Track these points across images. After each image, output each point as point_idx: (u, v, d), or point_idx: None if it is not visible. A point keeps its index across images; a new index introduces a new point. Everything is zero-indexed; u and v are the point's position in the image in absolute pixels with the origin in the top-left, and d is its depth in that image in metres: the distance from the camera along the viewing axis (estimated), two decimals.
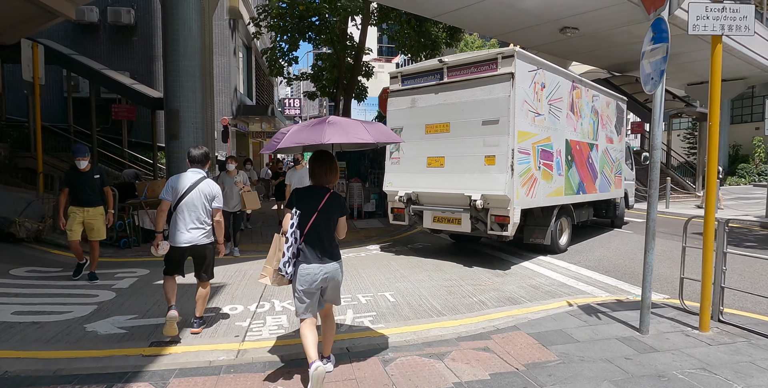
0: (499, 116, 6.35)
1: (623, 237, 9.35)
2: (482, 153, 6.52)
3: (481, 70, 6.58)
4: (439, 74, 7.05)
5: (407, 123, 7.44)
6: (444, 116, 6.99)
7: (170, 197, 3.96)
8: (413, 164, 7.32)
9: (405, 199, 7.37)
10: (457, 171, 6.79)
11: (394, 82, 7.71)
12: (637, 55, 16.41)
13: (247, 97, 22.64)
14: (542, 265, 6.80)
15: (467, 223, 6.73)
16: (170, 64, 9.28)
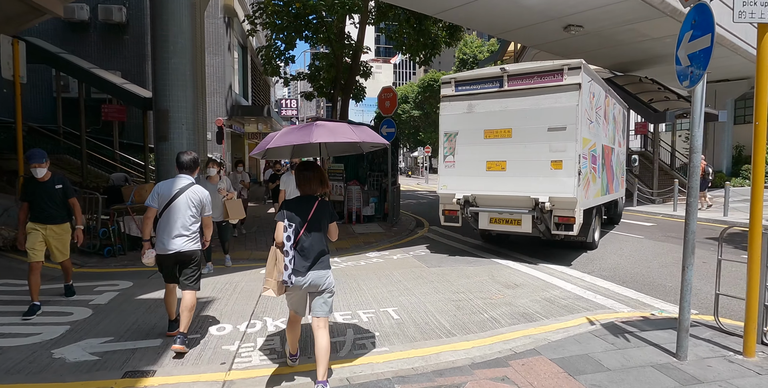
0: (567, 124, 6.76)
1: (635, 243, 8.94)
2: (548, 158, 6.87)
3: (545, 80, 6.92)
4: (499, 82, 7.34)
5: (463, 128, 7.68)
6: (505, 122, 7.28)
7: (156, 204, 3.88)
8: (471, 168, 7.57)
9: (462, 201, 7.57)
10: (520, 174, 7.09)
11: (446, 88, 7.87)
12: (641, 54, 16.05)
13: (242, 98, 22.19)
14: (555, 275, 6.37)
15: (528, 224, 7.08)
16: (159, 61, 8.83)
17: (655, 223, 11.84)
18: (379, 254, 8.07)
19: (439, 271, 6.63)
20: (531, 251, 8.13)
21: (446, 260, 7.46)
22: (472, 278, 6.21)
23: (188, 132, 9.00)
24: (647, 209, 14.31)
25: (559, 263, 7.12)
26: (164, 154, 8.92)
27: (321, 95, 20.71)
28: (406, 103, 52.71)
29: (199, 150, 9.82)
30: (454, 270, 6.68)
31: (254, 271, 6.69)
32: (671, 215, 13.03)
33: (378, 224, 11.84)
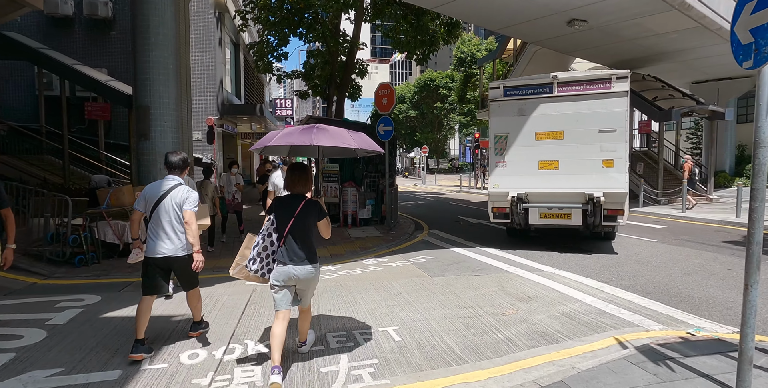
0: (617, 126, 7.57)
1: (649, 247, 8.38)
2: (599, 157, 7.67)
3: (594, 87, 7.66)
4: (548, 88, 8.00)
5: (514, 130, 8.26)
6: (557, 125, 7.95)
7: (141, 208, 3.82)
8: (523, 167, 8.14)
9: (516, 198, 8.10)
10: (572, 173, 7.83)
11: (495, 92, 8.42)
12: (644, 51, 15.37)
13: (234, 97, 21.55)
14: (570, 285, 5.79)
15: (578, 217, 7.83)
16: (139, 54, 8.22)
17: (665, 225, 11.30)
18: (377, 261, 7.47)
19: (443, 281, 6.04)
20: (541, 257, 7.56)
21: (450, 268, 6.87)
22: (480, 289, 5.62)
23: (171, 130, 8.39)
24: (654, 210, 13.79)
25: (573, 271, 6.55)
26: (144, 153, 8.32)
27: (316, 94, 20.10)
28: (403, 103, 52.18)
29: (185, 150, 9.19)
30: (460, 280, 6.09)
31: (240, 282, 6.08)
32: (680, 217, 12.50)
33: (375, 227, 11.25)
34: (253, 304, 5.08)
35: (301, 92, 21.11)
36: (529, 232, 9.44)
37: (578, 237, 9.42)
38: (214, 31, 17.24)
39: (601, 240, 9.00)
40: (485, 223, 12.16)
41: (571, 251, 8.10)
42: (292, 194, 3.52)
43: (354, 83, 19.93)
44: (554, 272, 6.48)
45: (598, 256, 7.64)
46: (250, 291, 5.59)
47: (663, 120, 16.47)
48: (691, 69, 19.67)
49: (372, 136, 11.69)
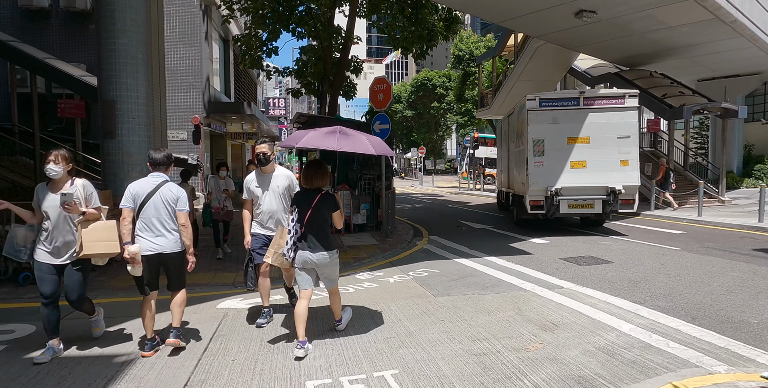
0: (630, 134, 9.87)
1: (674, 257, 7.53)
2: (618, 158, 9.77)
3: (612, 102, 9.86)
4: (576, 101, 9.93)
5: (549, 135, 9.94)
6: (584, 132, 9.87)
7: (131, 204, 3.75)
8: (557, 166, 9.85)
9: (554, 192, 9.76)
10: (597, 171, 9.78)
11: (532, 103, 10.09)
12: (652, 46, 14.68)
13: (224, 95, 20.64)
14: (599, 307, 4.92)
15: (599, 206, 9.79)
16: (103, 42, 7.33)
17: (683, 230, 10.47)
18: (372, 276, 6.58)
19: (449, 302, 5.16)
20: (557, 270, 6.69)
21: (455, 285, 5.99)
22: (494, 313, 4.74)
23: (140, 127, 7.48)
24: (667, 214, 12.96)
25: (598, 288, 5.68)
26: (110, 153, 7.42)
27: (309, 92, 19.22)
28: (399, 103, 51.36)
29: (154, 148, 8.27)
30: (469, 301, 5.21)
31: (211, 303, 5.19)
32: (697, 221, 11.67)
33: (370, 234, 10.36)
34: (221, 336, 4.18)
35: (293, 91, 20.21)
36: (548, 221, 11.43)
37: (590, 242, 8.58)
38: (199, 25, 16.33)
39: (618, 248, 8.16)
40: (489, 228, 11.31)
41: (588, 262, 7.24)
42: (308, 189, 3.95)
43: (349, 81, 19.05)
44: (577, 290, 5.61)
45: (621, 267, 6.79)
46: (220, 318, 4.70)
47: (673, 118, 15.68)
48: (699, 66, 18.89)
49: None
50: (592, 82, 20.21)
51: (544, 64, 20.78)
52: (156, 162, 3.88)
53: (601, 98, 9.97)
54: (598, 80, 19.72)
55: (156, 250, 3.71)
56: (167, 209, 3.76)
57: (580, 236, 9.79)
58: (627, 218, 12.91)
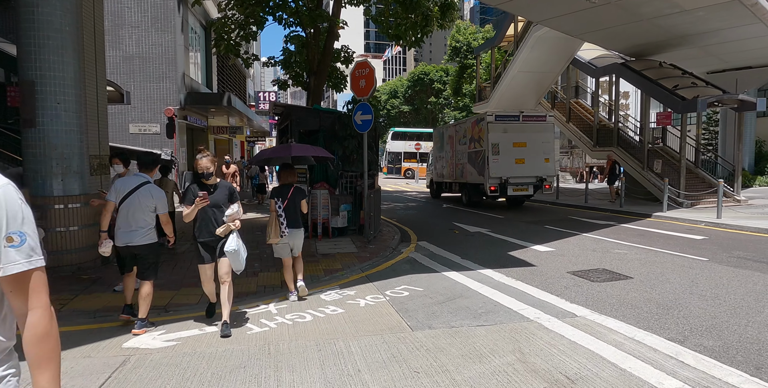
0: (550, 141, 14.87)
1: (704, 271, 6.34)
2: (543, 157, 14.49)
3: (539, 120, 14.73)
4: (518, 118, 14.43)
5: (501, 141, 14.07)
6: (523, 138, 14.29)
7: (114, 198, 4.31)
8: (507, 162, 14.01)
9: (504, 180, 13.90)
10: (531, 165, 14.21)
11: (490, 118, 14.26)
12: (662, 33, 13.17)
13: (205, 87, 19.37)
14: (626, 347, 3.72)
15: (531, 189, 14.36)
16: (22, 11, 6.08)
17: (704, 235, 9.29)
18: (341, 296, 5.38)
19: (430, 340, 3.95)
20: (566, 288, 5.50)
21: (441, 310, 4.79)
22: (488, 359, 3.54)
23: (68, 114, 6.27)
24: (681, 215, 11.78)
25: (621, 316, 4.49)
26: (31, 145, 6.21)
27: (297, 84, 17.98)
28: (396, 98, 50.10)
29: (93, 142, 7.04)
30: (456, 337, 4.01)
31: (118, 340, 3.98)
32: (717, 224, 10.48)
33: (351, 238, 9.16)
34: None
35: (280, 82, 18.97)
36: (492, 200, 16.37)
37: (602, 251, 7.39)
38: (174, 11, 15.06)
39: (636, 259, 6.97)
40: (484, 232, 10.11)
41: (603, 278, 6.05)
42: (283, 184, 5.39)
43: (339, 72, 17.81)
44: (594, 320, 4.41)
45: (643, 284, 5.60)
46: (114, 366, 3.49)
47: (686, 111, 14.46)
48: (710, 56, 17.66)
49: (347, 125, 9.58)
50: (597, 74, 18.98)
51: (545, 54, 19.53)
52: (141, 163, 4.64)
53: (532, 116, 14.75)
54: (603, 71, 18.50)
55: (127, 242, 4.32)
56: (141, 208, 4.29)
57: (588, 242, 8.61)
58: (638, 220, 11.73)
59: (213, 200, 4.21)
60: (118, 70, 14.67)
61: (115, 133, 14.61)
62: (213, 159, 4.32)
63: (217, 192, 4.29)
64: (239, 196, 4.66)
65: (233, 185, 4.60)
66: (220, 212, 4.28)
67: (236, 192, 4.52)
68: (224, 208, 4.30)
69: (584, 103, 22.47)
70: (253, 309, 4.89)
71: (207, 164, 4.22)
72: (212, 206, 4.22)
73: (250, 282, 5.98)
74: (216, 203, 4.25)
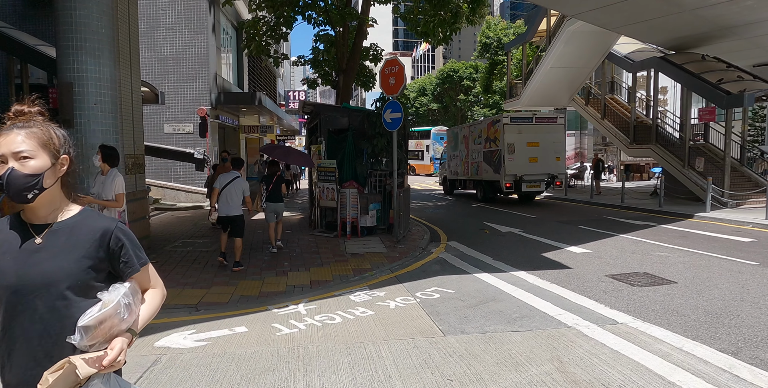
0: (561, 141, 16.07)
1: (755, 276, 5.96)
2: (554, 155, 15.66)
3: (551, 121, 15.98)
4: (531, 119, 15.70)
5: (516, 141, 15.10)
6: (536, 138, 15.34)
7: (218, 185, 6.72)
8: (521, 161, 15.04)
9: (519, 177, 14.95)
10: (543, 164, 15.33)
11: (506, 120, 15.29)
12: (706, 25, 12.32)
13: (236, 87, 19.64)
14: (674, 359, 3.49)
15: (543, 186, 15.52)
16: (60, 13, 6.24)
17: (752, 237, 8.78)
18: (370, 297, 5.30)
19: (462, 345, 3.82)
20: (605, 293, 5.26)
21: (473, 314, 4.64)
22: (524, 368, 3.38)
23: (104, 115, 6.39)
24: (725, 216, 11.20)
25: (665, 323, 4.24)
26: None
27: (326, 83, 18.04)
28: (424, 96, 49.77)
29: (126, 141, 7.18)
30: (490, 343, 3.86)
31: (150, 339, 4.01)
32: (766, 225, 9.91)
33: (380, 238, 9.08)
34: None
35: (309, 81, 19.07)
36: (506, 196, 17.34)
37: (642, 253, 7.07)
38: (206, 12, 15.29)
39: (679, 262, 6.63)
40: (516, 232, 9.86)
41: (644, 282, 5.76)
42: (270, 173, 8.02)
43: (368, 70, 17.76)
44: (637, 327, 4.18)
45: (689, 290, 5.29)
46: (147, 365, 3.50)
47: (731, 106, 13.76)
48: (757, 48, 16.71)
49: (376, 124, 9.49)
50: (635, 68, 18.29)
51: (579, 49, 18.94)
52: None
53: (544, 118, 16.05)
54: (641, 66, 17.81)
55: (226, 213, 6.68)
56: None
57: (627, 244, 8.26)
58: (679, 220, 11.22)
59: None
60: (153, 71, 15.00)
61: (150, 133, 14.96)
62: None
63: None
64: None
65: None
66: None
67: None
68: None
69: (620, 99, 21.71)
70: (282, 309, 4.86)
71: None
72: None
73: (279, 282, 5.97)
74: None
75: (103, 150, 5.01)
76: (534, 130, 15.31)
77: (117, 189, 4.92)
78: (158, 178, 15.16)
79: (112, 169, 5.04)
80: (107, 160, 5.03)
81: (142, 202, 7.92)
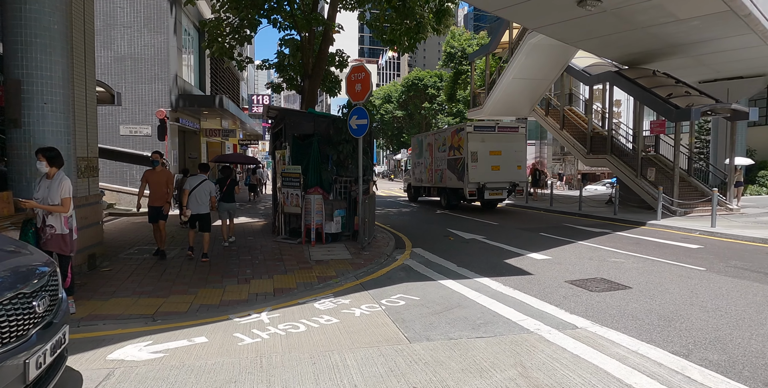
0: (522, 150, 16.41)
1: (702, 281, 6.27)
2: (515, 164, 16.09)
3: (512, 131, 16.30)
4: (494, 128, 16.09)
5: (479, 149, 15.51)
6: (498, 147, 15.80)
7: (188, 187, 7.69)
8: (484, 169, 15.47)
9: (481, 185, 15.33)
10: (505, 172, 15.78)
11: (470, 128, 15.65)
12: (657, 42, 13.26)
13: (198, 89, 19.16)
14: (631, 363, 3.61)
15: (505, 193, 15.88)
16: (8, 7, 5.89)
17: (699, 244, 9.26)
18: (335, 304, 5.24)
19: (428, 353, 3.82)
20: (565, 298, 5.40)
21: (439, 320, 4.66)
22: (489, 374, 3.41)
23: (56, 115, 6.10)
24: (675, 224, 11.77)
25: (622, 328, 4.39)
26: (16, 146, 6.01)
27: (291, 88, 17.87)
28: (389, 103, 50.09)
29: (81, 143, 6.86)
30: (455, 349, 3.88)
31: (103, 351, 3.80)
32: (711, 233, 10.48)
33: (345, 244, 9.01)
34: None
35: (274, 85, 18.84)
36: (469, 203, 17.77)
37: (599, 259, 7.32)
38: (167, 12, 14.87)
39: (633, 268, 6.90)
40: (480, 239, 10.01)
41: (602, 288, 5.96)
42: (224, 177, 9.17)
43: (334, 76, 17.73)
44: (595, 332, 4.30)
45: (642, 294, 5.51)
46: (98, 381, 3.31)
47: (680, 120, 14.52)
48: (702, 66, 17.82)
49: (342, 130, 9.47)
50: (591, 81, 19.07)
51: (540, 61, 19.60)
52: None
53: (507, 128, 16.43)
54: (597, 79, 18.59)
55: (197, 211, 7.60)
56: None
57: (585, 250, 8.53)
58: (633, 228, 11.70)
59: None
60: (110, 70, 14.44)
61: (104, 135, 14.37)
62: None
63: None
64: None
65: None
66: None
67: None
68: None
69: (578, 111, 22.57)
70: (245, 318, 4.73)
71: None
72: None
73: (242, 289, 5.81)
74: None
75: (44, 153, 4.62)
76: (496, 139, 15.72)
77: (63, 193, 4.62)
78: (113, 182, 14.55)
79: (58, 172, 4.75)
80: (54, 163, 4.69)
81: (96, 207, 7.56)
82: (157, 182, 7.67)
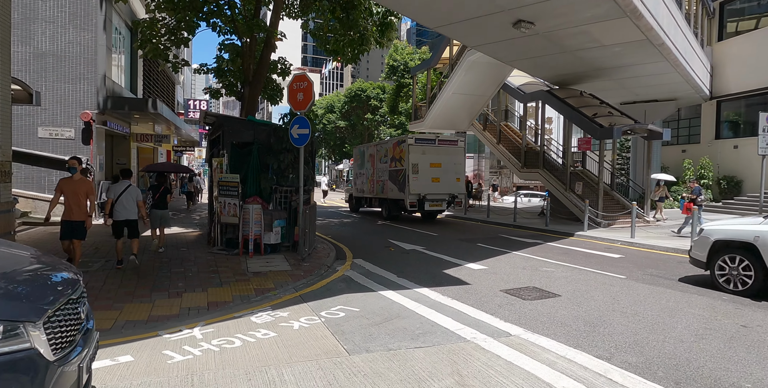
0: (461, 163, 17.08)
1: (624, 289, 6.73)
2: (455, 176, 16.65)
3: (452, 143, 16.90)
4: (435, 141, 16.44)
5: (420, 161, 15.84)
6: (438, 159, 16.21)
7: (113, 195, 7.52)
8: (424, 180, 15.82)
9: (422, 196, 15.67)
10: (445, 184, 16.25)
11: (411, 140, 15.96)
12: (583, 65, 14.47)
13: (129, 92, 18.16)
14: (560, 367, 3.80)
15: (444, 205, 16.39)
16: None
17: (620, 253, 9.95)
18: (273, 317, 5.09)
19: (367, 364, 3.80)
20: (500, 307, 5.59)
21: (378, 331, 4.66)
22: (427, 384, 3.45)
23: None
24: (600, 234, 12.60)
25: (551, 334, 4.60)
26: None
27: (230, 94, 17.36)
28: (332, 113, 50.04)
29: None
30: (394, 360, 3.89)
31: None
32: (632, 243, 11.30)
33: (284, 256, 8.81)
34: None
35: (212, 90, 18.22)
36: (410, 214, 18.29)
37: (531, 269, 7.67)
38: (95, 8, 14.04)
39: (562, 277, 7.29)
40: (420, 249, 10.17)
41: (533, 296, 6.23)
42: (157, 183, 9.33)
43: (275, 84, 17.45)
44: (527, 339, 4.48)
45: (570, 302, 5.82)
46: None
47: (603, 138, 15.62)
48: (623, 89, 19.36)
49: (283, 139, 9.32)
50: (525, 99, 20.12)
51: (478, 78, 20.45)
52: None
53: (446, 141, 16.92)
54: (530, 97, 19.64)
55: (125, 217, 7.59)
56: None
57: (519, 260, 8.90)
58: (563, 238, 12.37)
59: None
60: (27, 67, 13.37)
61: (20, 137, 13.23)
62: None
63: None
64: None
65: None
66: None
67: None
68: None
69: (513, 127, 23.68)
70: (175, 334, 4.48)
71: None
72: None
73: (173, 304, 5.51)
74: None
75: None
76: (437, 152, 16.10)
77: None
78: (29, 189, 13.37)
79: None
80: None
81: (8, 215, 6.90)
82: (73, 192, 6.71)
